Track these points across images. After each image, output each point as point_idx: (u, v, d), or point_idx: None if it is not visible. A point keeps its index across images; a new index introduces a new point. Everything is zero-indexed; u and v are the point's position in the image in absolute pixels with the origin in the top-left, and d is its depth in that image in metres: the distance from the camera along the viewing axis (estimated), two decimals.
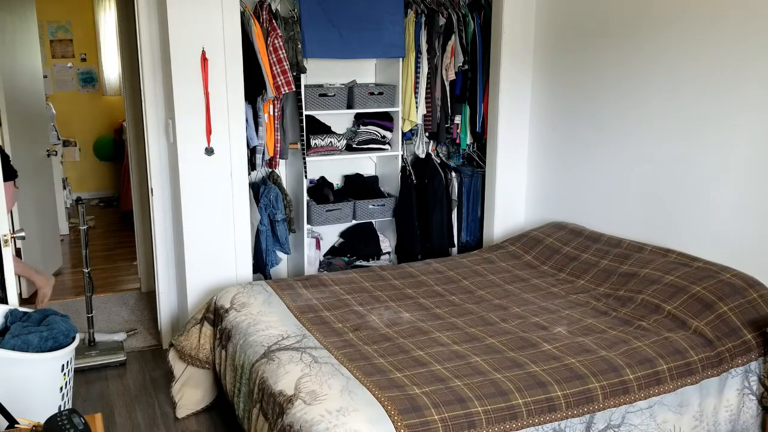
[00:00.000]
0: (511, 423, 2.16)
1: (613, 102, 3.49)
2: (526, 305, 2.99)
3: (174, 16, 3.24)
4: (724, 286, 2.77)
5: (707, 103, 2.99)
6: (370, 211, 4.26)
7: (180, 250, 3.62)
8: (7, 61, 4.39)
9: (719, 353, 2.56)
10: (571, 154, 3.82)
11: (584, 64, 3.66)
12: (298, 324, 2.78)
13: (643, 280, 2.98)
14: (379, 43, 4.01)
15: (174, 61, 3.29)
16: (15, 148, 4.39)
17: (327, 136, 4.07)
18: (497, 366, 2.39)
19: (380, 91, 4.13)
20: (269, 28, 3.71)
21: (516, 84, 4.03)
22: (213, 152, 3.44)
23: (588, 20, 3.61)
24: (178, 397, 3.17)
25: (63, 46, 7.28)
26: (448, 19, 4.15)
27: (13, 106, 4.41)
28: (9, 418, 1.77)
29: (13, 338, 2.32)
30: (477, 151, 4.59)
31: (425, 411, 2.11)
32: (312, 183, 4.35)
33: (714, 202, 3.01)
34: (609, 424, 2.33)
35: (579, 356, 2.46)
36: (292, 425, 2.11)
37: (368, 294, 3.12)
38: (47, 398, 2.34)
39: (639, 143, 3.36)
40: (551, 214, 4.01)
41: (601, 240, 3.44)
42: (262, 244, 3.95)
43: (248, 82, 3.52)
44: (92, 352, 3.68)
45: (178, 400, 3.17)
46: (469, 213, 4.48)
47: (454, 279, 3.33)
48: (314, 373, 2.33)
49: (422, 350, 2.53)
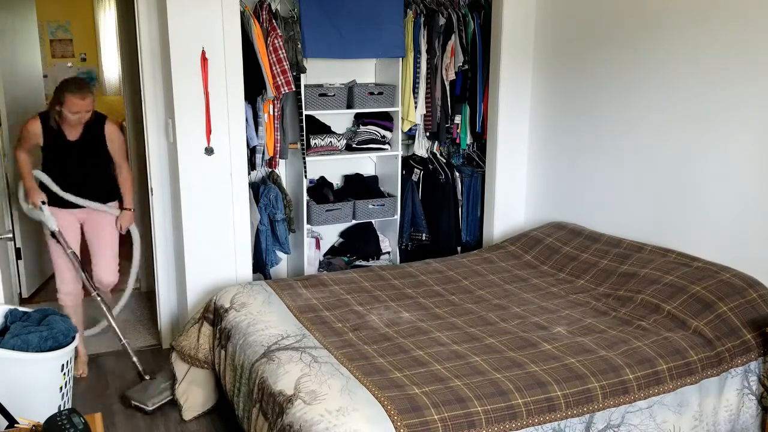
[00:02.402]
0: (510, 423, 2.16)
1: (613, 102, 3.49)
2: (526, 305, 2.99)
3: (174, 16, 3.24)
4: (724, 286, 2.77)
5: (707, 102, 2.99)
6: (370, 211, 4.26)
7: (180, 250, 3.62)
8: (7, 61, 4.39)
9: (719, 353, 2.56)
10: (571, 154, 3.81)
11: (584, 63, 3.66)
12: (297, 324, 2.78)
13: (643, 280, 2.98)
14: (379, 43, 4.01)
15: (174, 61, 3.29)
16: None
17: (327, 135, 4.07)
18: (497, 366, 2.39)
19: (380, 91, 4.13)
20: (269, 27, 3.71)
21: (516, 84, 4.03)
22: (213, 152, 3.44)
23: (588, 20, 3.61)
24: (183, 399, 3.16)
25: (63, 46, 7.29)
26: (448, 18, 4.15)
27: (13, 106, 4.40)
28: (9, 417, 1.77)
29: (13, 338, 2.32)
30: (477, 151, 4.59)
31: (425, 411, 2.11)
32: (312, 183, 4.35)
33: (714, 203, 3.01)
34: (609, 424, 2.33)
35: (579, 356, 2.46)
36: (292, 425, 2.12)
37: (368, 294, 3.12)
38: (47, 398, 2.34)
39: (639, 143, 3.36)
40: (551, 214, 4.01)
41: (601, 240, 3.44)
42: (261, 244, 3.95)
43: (248, 81, 3.52)
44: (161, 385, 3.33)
45: (183, 402, 3.15)
46: (469, 213, 4.48)
47: (454, 279, 3.33)
48: (314, 372, 2.33)
49: (422, 350, 2.53)
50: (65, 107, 3.22)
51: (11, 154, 4.33)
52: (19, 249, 4.44)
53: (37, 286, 4.73)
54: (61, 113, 3.25)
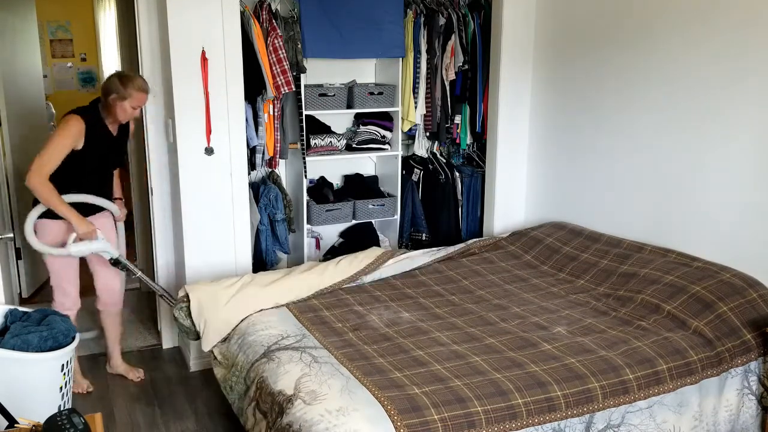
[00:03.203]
0: (510, 423, 2.16)
1: (613, 102, 3.49)
2: (526, 305, 2.99)
3: (174, 16, 3.24)
4: (724, 286, 2.77)
5: (707, 102, 2.99)
6: (370, 211, 4.26)
7: (180, 249, 3.62)
8: (7, 61, 4.39)
9: (719, 353, 2.56)
10: (571, 154, 3.81)
11: (585, 63, 3.66)
12: (297, 323, 2.79)
13: (643, 280, 2.98)
14: (379, 43, 4.01)
15: (174, 61, 3.29)
16: (15, 148, 4.39)
17: (327, 135, 4.08)
18: (497, 366, 2.39)
19: (380, 91, 4.14)
20: (269, 27, 3.71)
21: (516, 84, 4.03)
22: (213, 152, 3.44)
23: (588, 20, 3.61)
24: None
25: (63, 45, 7.29)
26: (448, 18, 4.15)
27: (13, 106, 4.41)
28: (9, 417, 1.77)
29: (13, 338, 2.32)
30: (477, 151, 4.59)
31: (425, 411, 2.11)
32: (312, 183, 4.35)
33: (714, 203, 3.01)
34: (609, 424, 2.33)
35: (579, 356, 2.46)
36: (292, 425, 2.12)
37: (368, 294, 3.12)
38: (47, 398, 2.34)
39: (639, 143, 3.36)
40: (551, 214, 4.01)
41: (601, 240, 3.44)
42: (262, 244, 3.95)
43: (248, 81, 3.52)
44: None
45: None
46: (469, 213, 4.48)
47: (454, 279, 3.33)
48: (314, 372, 2.33)
49: (422, 350, 2.53)
50: (130, 102, 3.09)
51: (11, 153, 4.34)
52: (19, 249, 4.44)
53: (37, 286, 4.74)
54: (113, 109, 3.10)
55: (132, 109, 3.13)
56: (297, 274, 3.16)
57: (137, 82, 3.12)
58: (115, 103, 3.09)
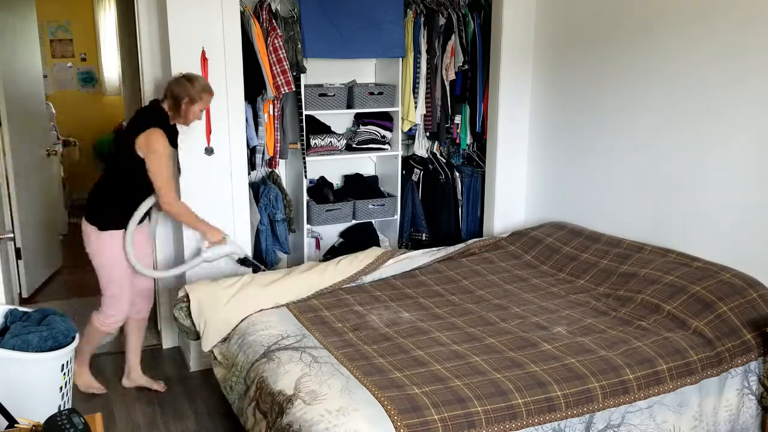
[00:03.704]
0: (510, 423, 2.16)
1: (613, 102, 3.49)
2: (526, 305, 2.99)
3: (174, 16, 3.24)
4: (724, 286, 2.77)
5: (707, 102, 2.99)
6: (370, 211, 4.26)
7: (180, 249, 3.62)
8: (7, 61, 4.39)
9: (719, 353, 2.56)
10: (571, 154, 3.81)
11: (585, 63, 3.66)
12: (297, 324, 2.79)
13: (643, 280, 2.98)
14: (379, 43, 4.01)
15: (174, 61, 3.29)
16: (15, 148, 4.39)
17: (327, 135, 4.08)
18: (497, 366, 2.39)
19: (380, 91, 4.14)
20: (269, 28, 3.71)
21: (516, 84, 4.03)
22: (213, 152, 3.44)
23: (588, 20, 3.61)
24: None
25: (63, 46, 7.28)
26: (448, 18, 4.15)
27: (13, 106, 4.40)
28: (9, 417, 1.77)
29: (13, 338, 2.32)
30: (477, 151, 4.59)
31: (425, 411, 2.11)
32: (312, 183, 4.35)
33: (714, 203, 3.01)
34: (608, 424, 2.33)
35: (579, 356, 2.46)
36: (292, 425, 2.12)
37: (368, 294, 3.12)
38: (47, 398, 2.34)
39: (639, 143, 3.36)
40: (551, 214, 4.01)
41: (601, 240, 3.44)
42: (261, 244, 3.95)
43: (248, 82, 3.52)
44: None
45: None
46: (469, 213, 4.48)
47: (454, 279, 3.33)
48: (314, 372, 2.33)
49: (422, 350, 2.53)
50: (200, 105, 3.07)
51: (11, 153, 4.34)
52: (19, 249, 4.44)
53: (37, 286, 4.74)
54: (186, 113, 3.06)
55: (200, 111, 3.13)
56: (297, 274, 3.16)
57: (204, 83, 3.11)
58: (188, 107, 3.05)
